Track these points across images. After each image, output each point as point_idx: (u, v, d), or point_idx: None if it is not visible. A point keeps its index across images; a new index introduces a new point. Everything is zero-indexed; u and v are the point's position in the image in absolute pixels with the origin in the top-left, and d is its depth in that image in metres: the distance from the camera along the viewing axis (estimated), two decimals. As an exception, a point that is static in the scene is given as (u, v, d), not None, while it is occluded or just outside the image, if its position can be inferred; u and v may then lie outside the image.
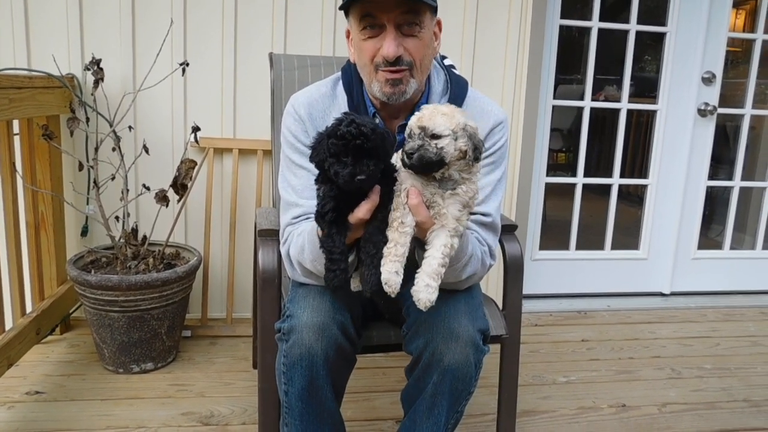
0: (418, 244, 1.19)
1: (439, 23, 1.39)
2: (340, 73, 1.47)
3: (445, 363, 1.25)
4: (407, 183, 1.15)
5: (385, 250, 1.11)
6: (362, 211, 1.12)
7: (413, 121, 1.14)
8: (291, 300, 1.34)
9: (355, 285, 1.27)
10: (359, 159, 1.07)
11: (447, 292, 1.33)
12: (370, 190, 1.12)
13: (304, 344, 1.23)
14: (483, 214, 1.37)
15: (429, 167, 1.11)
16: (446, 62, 1.54)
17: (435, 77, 1.44)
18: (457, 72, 1.51)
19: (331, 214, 1.13)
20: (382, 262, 1.10)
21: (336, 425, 1.36)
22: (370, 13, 1.27)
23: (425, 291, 1.11)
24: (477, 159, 1.14)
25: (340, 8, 1.33)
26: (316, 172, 1.20)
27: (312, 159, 1.16)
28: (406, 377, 1.39)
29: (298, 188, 1.38)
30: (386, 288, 1.09)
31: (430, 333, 1.26)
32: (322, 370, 1.25)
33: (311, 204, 1.32)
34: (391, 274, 1.09)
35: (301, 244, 1.28)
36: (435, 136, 1.10)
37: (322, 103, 1.42)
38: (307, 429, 1.31)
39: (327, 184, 1.15)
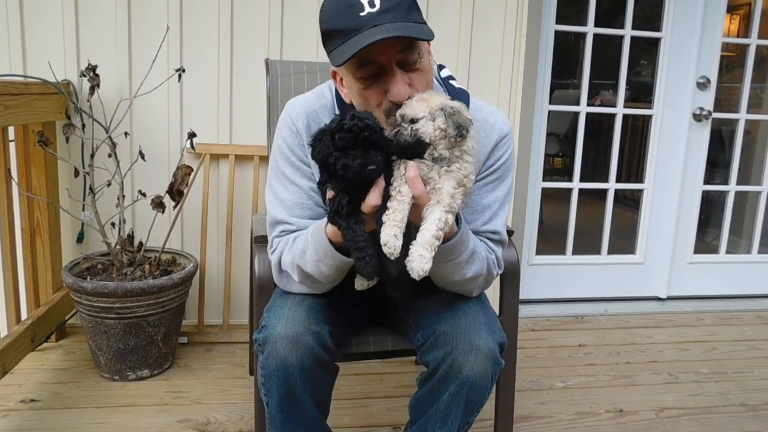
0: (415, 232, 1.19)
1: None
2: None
3: (463, 375, 1.24)
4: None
5: (384, 217, 1.14)
6: (374, 197, 1.14)
7: (398, 112, 1.17)
8: (268, 310, 1.33)
9: (359, 282, 1.30)
10: (367, 150, 1.12)
11: (464, 305, 1.33)
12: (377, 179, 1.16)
13: (278, 355, 1.22)
14: (492, 232, 1.37)
15: (408, 150, 1.15)
16: (444, 73, 1.46)
17: None
18: (456, 84, 1.43)
19: (348, 207, 1.16)
20: (382, 228, 1.13)
21: None
22: (368, 60, 1.18)
23: (418, 260, 1.13)
24: (462, 136, 1.14)
25: (338, 65, 1.20)
26: (309, 191, 1.22)
27: (314, 156, 1.16)
28: (418, 386, 1.37)
29: (288, 204, 1.33)
30: (385, 249, 1.11)
31: (450, 345, 1.26)
32: (299, 380, 1.23)
33: (301, 224, 1.31)
34: (390, 237, 1.11)
35: (302, 247, 1.26)
36: (413, 121, 1.15)
37: (322, 115, 1.35)
38: None
39: (332, 181, 1.17)
